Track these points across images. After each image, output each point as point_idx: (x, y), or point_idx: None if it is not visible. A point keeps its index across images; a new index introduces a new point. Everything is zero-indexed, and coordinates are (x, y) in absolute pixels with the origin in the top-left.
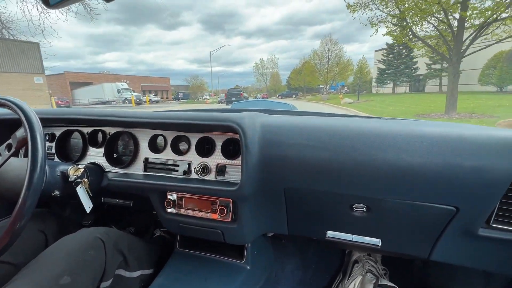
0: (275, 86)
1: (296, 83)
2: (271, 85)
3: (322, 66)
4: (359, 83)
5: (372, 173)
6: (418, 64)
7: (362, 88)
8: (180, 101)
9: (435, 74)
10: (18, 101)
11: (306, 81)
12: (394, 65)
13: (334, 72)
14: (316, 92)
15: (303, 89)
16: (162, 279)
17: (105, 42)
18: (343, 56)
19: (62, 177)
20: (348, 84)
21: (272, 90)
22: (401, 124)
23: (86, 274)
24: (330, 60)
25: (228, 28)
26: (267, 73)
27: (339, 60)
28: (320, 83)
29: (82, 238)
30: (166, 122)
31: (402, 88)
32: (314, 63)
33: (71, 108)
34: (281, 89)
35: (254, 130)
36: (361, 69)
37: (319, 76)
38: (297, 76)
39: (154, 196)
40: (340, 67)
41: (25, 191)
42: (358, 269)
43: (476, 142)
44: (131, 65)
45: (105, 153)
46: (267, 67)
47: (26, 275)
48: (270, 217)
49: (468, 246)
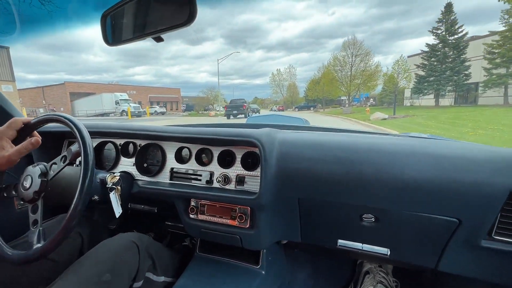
0: (292, 97)
1: (314, 94)
2: (288, 97)
3: (344, 74)
4: (395, 92)
5: (379, 186)
6: (471, 69)
7: (391, 99)
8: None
9: (499, 81)
10: (71, 117)
11: (325, 91)
12: (437, 71)
13: (358, 80)
14: (336, 105)
15: (322, 101)
16: (184, 281)
17: (135, 56)
18: (370, 61)
19: (101, 183)
20: (374, 95)
21: (289, 102)
22: (406, 141)
23: (123, 273)
24: (354, 67)
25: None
26: (285, 84)
27: (364, 67)
28: (342, 94)
29: (120, 241)
30: (191, 136)
31: (446, 99)
32: (334, 70)
33: (106, 122)
34: (299, 101)
35: (272, 145)
36: (401, 73)
37: (340, 85)
38: (315, 87)
39: (178, 202)
40: (366, 74)
41: (78, 195)
42: (369, 280)
43: (475, 160)
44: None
45: (135, 163)
46: (285, 78)
47: (74, 271)
48: (284, 225)
49: (472, 256)
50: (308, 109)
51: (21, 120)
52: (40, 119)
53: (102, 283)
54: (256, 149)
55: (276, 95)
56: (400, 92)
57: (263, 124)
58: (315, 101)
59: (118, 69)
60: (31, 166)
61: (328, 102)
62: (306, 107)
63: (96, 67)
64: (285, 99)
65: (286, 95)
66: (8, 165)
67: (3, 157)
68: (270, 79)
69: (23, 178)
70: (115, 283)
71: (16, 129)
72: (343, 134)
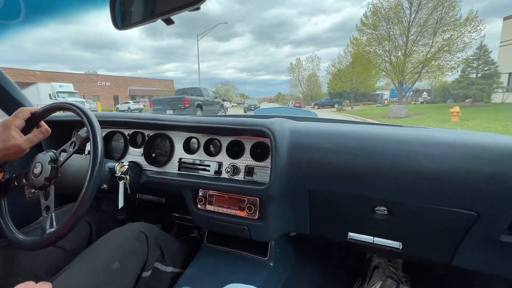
0: (312, 92)
1: (339, 86)
2: (307, 91)
3: (392, 48)
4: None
5: (394, 177)
6: None
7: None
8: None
9: None
10: (82, 106)
11: (355, 80)
12: None
13: (430, 52)
14: (370, 101)
15: (350, 94)
16: (192, 271)
17: (167, 53)
18: (454, 9)
19: (110, 172)
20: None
21: (309, 98)
22: (422, 131)
23: (132, 262)
24: (415, 27)
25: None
26: (305, 76)
27: (440, 26)
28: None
29: (129, 231)
30: (200, 125)
31: None
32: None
33: (115, 113)
34: (321, 97)
35: (283, 134)
36: None
37: (380, 66)
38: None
39: (187, 192)
40: (447, 44)
41: (87, 183)
42: (379, 274)
43: (499, 150)
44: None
45: (143, 153)
46: (305, 69)
47: (84, 259)
48: (294, 217)
49: (490, 252)
50: (331, 107)
51: (29, 110)
52: (49, 107)
53: (111, 271)
54: (266, 139)
55: (295, 89)
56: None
57: (272, 116)
58: (341, 95)
59: (151, 66)
60: (41, 154)
61: (358, 97)
62: (328, 104)
63: (131, 64)
64: (304, 94)
65: (305, 89)
66: (19, 154)
67: (14, 146)
68: (289, 70)
69: (33, 166)
70: (124, 271)
71: (23, 118)
72: (356, 125)
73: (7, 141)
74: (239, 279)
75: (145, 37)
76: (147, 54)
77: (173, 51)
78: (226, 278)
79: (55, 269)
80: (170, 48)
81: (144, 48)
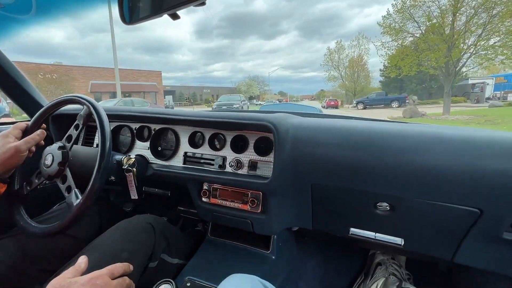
0: (356, 84)
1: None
2: (349, 84)
3: None
4: None
5: (397, 173)
6: None
7: None
8: None
9: None
10: (90, 99)
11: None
12: None
13: None
14: (461, 97)
15: (426, 81)
16: (196, 262)
17: (214, 54)
18: None
19: (117, 164)
20: None
21: (352, 92)
22: (426, 128)
23: (140, 252)
24: None
25: (325, 32)
26: (346, 63)
27: None
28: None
29: (138, 222)
30: (204, 120)
31: None
32: None
33: (122, 106)
34: (369, 91)
35: (287, 129)
36: None
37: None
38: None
39: (191, 185)
40: None
41: (96, 174)
42: (381, 271)
43: (504, 147)
44: (232, 73)
45: (150, 146)
46: (348, 55)
47: (94, 248)
48: (296, 211)
49: (492, 249)
50: (385, 105)
51: (24, 124)
52: (59, 101)
53: (120, 260)
54: (270, 134)
55: (335, 84)
56: None
57: (277, 111)
58: (402, 87)
59: (200, 66)
60: (48, 147)
61: (435, 91)
62: (381, 102)
63: (182, 65)
64: (345, 87)
65: (346, 81)
66: (18, 157)
67: (11, 148)
68: (325, 58)
69: (43, 159)
70: (132, 261)
71: (21, 129)
72: (360, 121)
73: (5, 146)
74: (241, 270)
75: (196, 40)
76: (197, 55)
77: (220, 51)
78: (229, 269)
79: (67, 257)
80: (218, 49)
81: (194, 50)
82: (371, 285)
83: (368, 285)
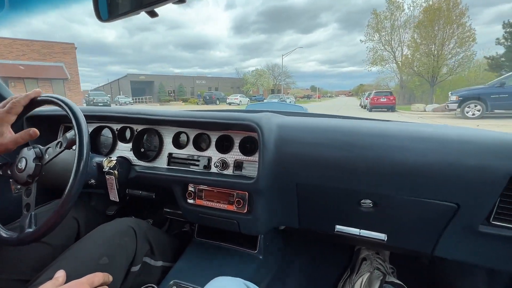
0: (439, 59)
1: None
2: (424, 59)
3: None
4: None
5: (379, 170)
6: None
7: None
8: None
9: None
10: (67, 100)
11: None
12: None
13: None
14: None
15: None
16: (182, 264)
17: (251, 50)
18: None
19: (97, 167)
20: None
21: (430, 74)
22: (408, 126)
23: (120, 257)
24: None
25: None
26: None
27: None
28: None
29: (118, 226)
30: (189, 120)
31: None
32: None
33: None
34: (471, 78)
35: (271, 129)
36: None
37: None
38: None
39: (176, 187)
40: None
41: (73, 178)
42: (366, 266)
43: (479, 144)
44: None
45: (132, 148)
46: (401, 25)
47: (71, 255)
48: (282, 210)
49: (470, 242)
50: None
51: (22, 104)
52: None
53: (99, 266)
54: (255, 134)
55: (384, 70)
56: None
57: (262, 110)
58: None
59: (236, 62)
60: (26, 149)
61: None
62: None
63: (219, 61)
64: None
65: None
66: (4, 152)
67: (1, 145)
68: (367, 29)
69: (18, 160)
70: (113, 266)
71: (17, 114)
72: (345, 119)
73: None
74: (228, 272)
75: (233, 35)
76: (234, 51)
77: (257, 47)
78: (215, 271)
79: (41, 266)
80: (255, 44)
81: (231, 46)
82: (356, 280)
83: (354, 280)
